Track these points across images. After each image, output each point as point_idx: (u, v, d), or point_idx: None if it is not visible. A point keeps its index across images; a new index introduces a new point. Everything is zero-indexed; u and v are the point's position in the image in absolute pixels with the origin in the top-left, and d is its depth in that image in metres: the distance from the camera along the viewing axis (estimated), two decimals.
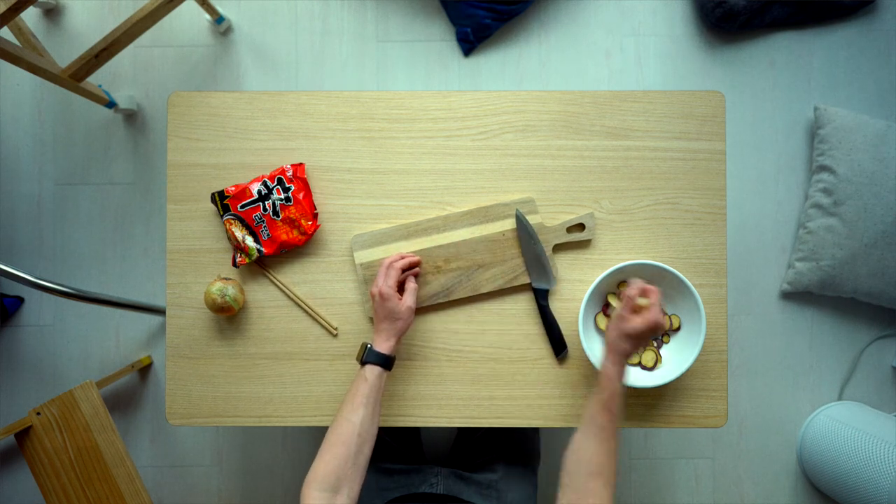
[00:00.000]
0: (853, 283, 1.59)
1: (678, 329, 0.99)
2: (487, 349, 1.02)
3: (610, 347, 0.85)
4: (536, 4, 1.71)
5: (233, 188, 1.00)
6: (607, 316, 1.00)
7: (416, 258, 0.99)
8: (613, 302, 0.99)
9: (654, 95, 1.04)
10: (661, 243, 1.03)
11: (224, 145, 1.04)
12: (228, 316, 1.01)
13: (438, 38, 1.71)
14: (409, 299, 0.93)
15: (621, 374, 0.84)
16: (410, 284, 0.95)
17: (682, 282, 0.94)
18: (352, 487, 0.81)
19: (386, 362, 0.89)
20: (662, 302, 0.88)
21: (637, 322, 0.83)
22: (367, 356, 0.89)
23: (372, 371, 0.88)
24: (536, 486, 1.17)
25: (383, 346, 0.90)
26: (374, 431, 0.87)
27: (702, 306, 0.93)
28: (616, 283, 1.00)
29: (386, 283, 0.91)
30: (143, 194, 1.68)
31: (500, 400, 1.02)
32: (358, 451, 0.83)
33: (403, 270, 0.96)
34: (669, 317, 0.99)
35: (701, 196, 1.03)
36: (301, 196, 1.00)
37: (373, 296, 0.92)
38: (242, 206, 1.00)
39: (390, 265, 0.94)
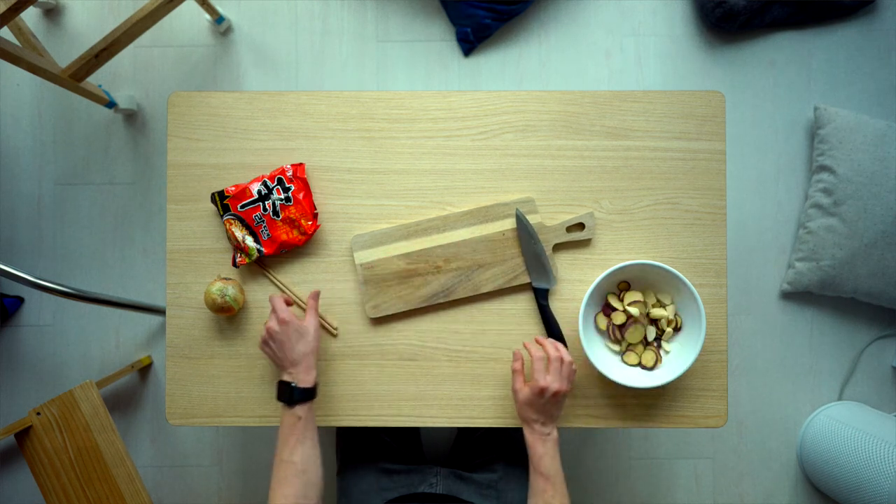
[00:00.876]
0: (853, 283, 1.59)
1: (679, 329, 0.99)
2: (487, 349, 1.02)
3: (520, 419, 0.92)
4: (536, 4, 1.71)
5: (233, 188, 1.00)
6: (607, 316, 1.00)
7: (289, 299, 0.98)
8: (613, 302, 0.99)
9: (654, 95, 1.04)
10: (661, 243, 1.03)
11: (224, 145, 1.04)
12: (228, 316, 1.01)
13: (438, 38, 1.71)
14: (313, 319, 0.92)
15: (539, 439, 0.89)
16: (311, 302, 0.94)
17: (682, 282, 0.94)
18: None
19: (312, 395, 0.89)
20: (555, 367, 0.90)
21: (524, 391, 0.90)
22: (296, 396, 0.88)
23: (302, 408, 0.87)
24: None
25: (307, 379, 0.89)
26: (319, 459, 0.88)
27: (702, 307, 0.93)
28: (616, 283, 1.00)
29: (281, 310, 0.90)
30: (143, 194, 1.68)
31: (500, 400, 1.02)
32: (305, 485, 0.84)
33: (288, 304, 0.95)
34: (676, 317, 0.99)
35: (701, 196, 1.03)
36: (301, 196, 1.00)
37: (270, 331, 0.89)
38: (242, 206, 1.00)
39: (273, 297, 0.93)
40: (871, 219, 1.54)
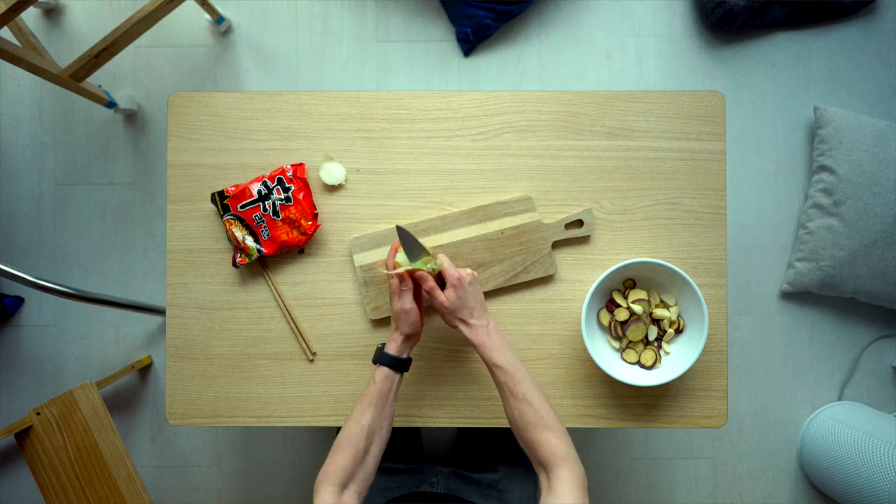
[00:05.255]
0: (853, 283, 1.59)
1: (681, 331, 0.99)
2: None
3: (456, 322, 0.88)
4: (536, 4, 1.71)
5: (233, 188, 1.00)
6: (610, 312, 1.00)
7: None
8: (618, 299, 0.99)
9: (654, 95, 1.04)
10: (661, 243, 1.03)
11: (224, 145, 1.04)
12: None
13: (438, 38, 1.71)
14: (417, 310, 0.90)
15: (480, 332, 0.87)
16: (426, 286, 0.90)
17: (688, 284, 0.94)
18: (360, 484, 0.84)
19: (396, 364, 0.88)
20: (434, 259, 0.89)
21: (445, 294, 0.87)
22: (377, 356, 0.89)
23: (380, 372, 0.87)
24: (537, 485, 1.17)
25: (393, 347, 0.89)
26: (385, 432, 0.88)
27: (704, 306, 0.93)
28: (622, 280, 1.00)
29: (405, 295, 0.89)
30: (143, 194, 1.69)
31: (501, 400, 1.02)
32: (366, 450, 0.84)
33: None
34: (679, 318, 0.99)
35: (701, 196, 1.03)
36: (301, 196, 1.00)
37: (392, 293, 0.89)
38: (242, 206, 1.00)
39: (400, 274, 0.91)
40: (871, 219, 1.54)
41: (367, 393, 0.87)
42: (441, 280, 0.90)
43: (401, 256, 0.90)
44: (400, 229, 0.90)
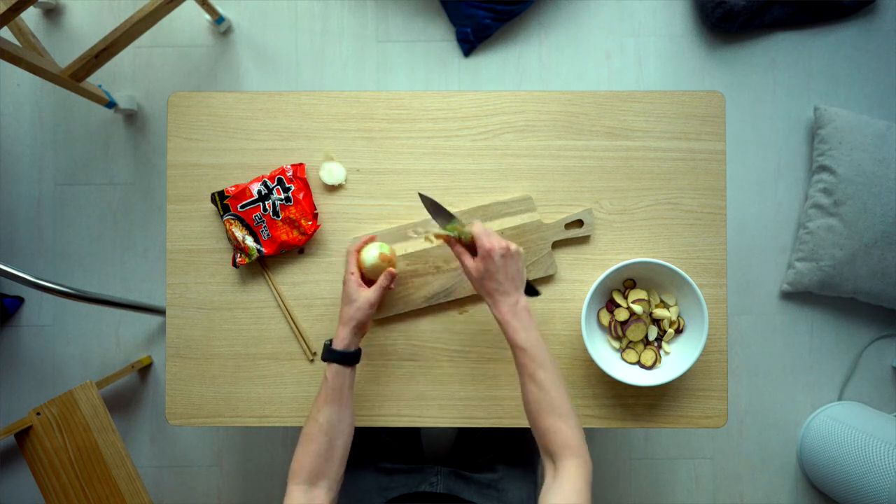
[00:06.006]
0: (853, 284, 1.59)
1: (681, 331, 0.99)
2: (487, 349, 1.02)
3: (484, 294, 0.87)
4: (536, 4, 1.71)
5: (233, 188, 1.00)
6: (610, 312, 1.00)
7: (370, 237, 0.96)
8: (618, 299, 0.99)
9: (654, 95, 1.04)
10: (661, 243, 1.03)
11: (224, 145, 1.04)
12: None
13: (438, 38, 1.71)
14: (371, 293, 0.90)
15: (507, 310, 0.84)
16: (382, 282, 0.92)
17: (688, 284, 0.94)
18: (329, 480, 0.84)
19: (344, 358, 0.88)
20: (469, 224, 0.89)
21: (475, 263, 0.86)
22: (324, 354, 0.89)
23: (330, 369, 0.87)
24: (537, 485, 1.17)
25: (340, 342, 0.88)
26: (346, 427, 0.87)
27: (704, 306, 0.93)
28: (622, 280, 1.00)
29: (347, 269, 0.91)
30: (143, 194, 1.68)
31: (501, 400, 1.02)
32: (328, 447, 0.85)
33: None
34: (679, 319, 0.99)
35: (701, 196, 1.03)
36: (301, 196, 1.00)
37: (365, 303, 0.90)
38: (242, 206, 1.00)
39: (350, 251, 0.94)
40: (871, 219, 1.54)
41: (321, 391, 0.87)
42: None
43: (367, 253, 0.92)
44: (423, 197, 0.92)
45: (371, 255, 0.92)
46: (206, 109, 1.04)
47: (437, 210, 0.94)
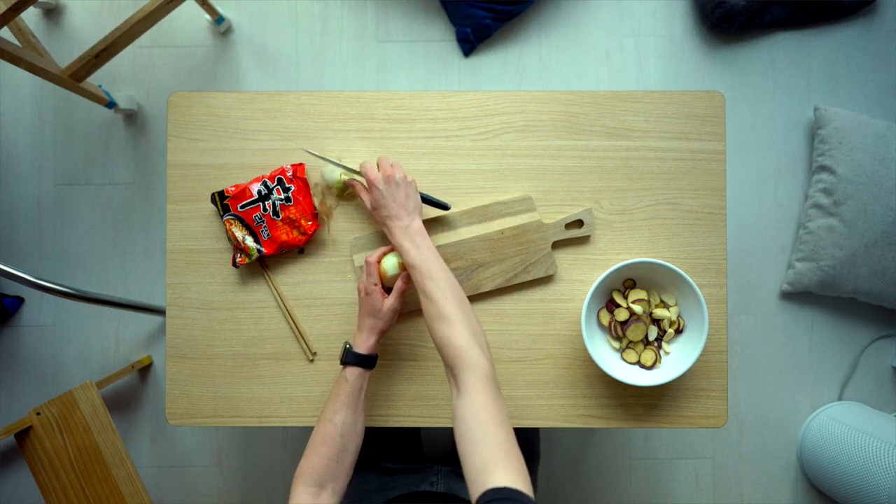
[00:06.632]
0: (853, 283, 1.59)
1: (681, 331, 0.99)
2: None
3: (380, 225, 0.93)
4: (536, 4, 1.71)
5: (233, 188, 1.00)
6: (610, 312, 1.00)
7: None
8: (618, 299, 0.99)
9: (654, 95, 1.04)
10: (661, 243, 1.03)
11: (224, 145, 1.04)
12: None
13: (438, 38, 1.71)
14: (392, 300, 0.92)
15: (401, 234, 0.89)
16: (399, 284, 0.93)
17: (688, 284, 0.94)
18: (337, 483, 0.84)
19: (365, 362, 0.89)
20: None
21: (368, 197, 0.93)
22: (347, 357, 0.90)
23: (352, 372, 0.88)
24: (536, 486, 1.17)
25: (363, 345, 0.90)
26: (359, 430, 0.88)
27: (704, 306, 0.93)
28: (622, 280, 1.00)
29: (370, 280, 0.92)
30: (143, 194, 1.69)
31: None
32: (341, 450, 0.85)
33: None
34: (679, 319, 0.99)
35: (701, 196, 1.03)
36: (301, 196, 1.00)
37: (359, 291, 0.93)
38: (242, 207, 1.00)
39: (370, 262, 0.94)
40: (871, 219, 1.54)
41: (340, 393, 0.87)
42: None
43: (388, 262, 0.94)
44: (309, 153, 0.98)
45: (391, 263, 0.94)
46: (206, 109, 1.04)
47: (326, 160, 0.99)
